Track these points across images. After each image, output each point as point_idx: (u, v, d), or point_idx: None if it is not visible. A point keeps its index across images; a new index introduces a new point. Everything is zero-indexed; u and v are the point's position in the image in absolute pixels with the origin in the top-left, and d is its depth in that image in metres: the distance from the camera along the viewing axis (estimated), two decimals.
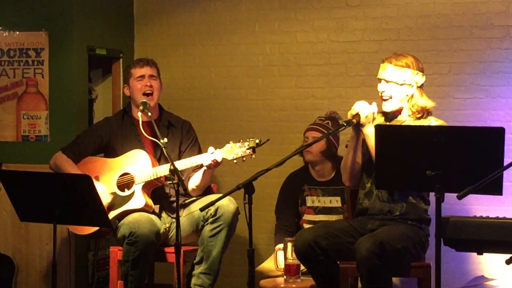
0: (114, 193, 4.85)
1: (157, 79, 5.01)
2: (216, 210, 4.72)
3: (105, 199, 4.76)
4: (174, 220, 4.91)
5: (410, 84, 4.43)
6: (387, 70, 4.45)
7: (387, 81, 4.45)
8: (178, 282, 4.47)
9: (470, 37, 5.49)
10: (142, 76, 4.96)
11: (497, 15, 5.43)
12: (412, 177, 3.86)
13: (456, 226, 3.79)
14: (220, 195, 4.19)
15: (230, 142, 4.68)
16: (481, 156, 3.70)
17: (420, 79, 4.47)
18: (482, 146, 3.70)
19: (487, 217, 3.87)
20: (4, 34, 5.64)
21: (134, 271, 4.68)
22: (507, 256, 3.66)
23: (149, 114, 4.76)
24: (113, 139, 5.00)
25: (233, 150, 4.64)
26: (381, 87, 4.48)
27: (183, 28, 6.12)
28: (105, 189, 4.81)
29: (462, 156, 3.72)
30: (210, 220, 4.75)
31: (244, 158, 4.65)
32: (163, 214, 4.95)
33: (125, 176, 4.86)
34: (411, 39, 5.60)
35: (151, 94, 4.94)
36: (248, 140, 4.63)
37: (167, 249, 4.88)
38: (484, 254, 3.88)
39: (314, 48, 5.83)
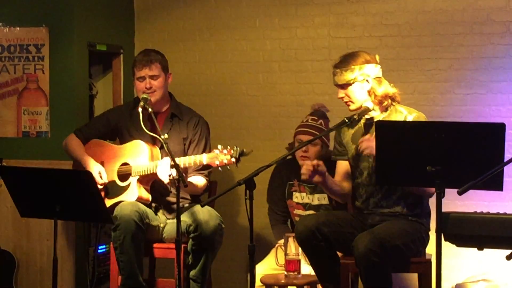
0: (113, 182, 4.87)
1: (159, 77, 4.96)
2: (196, 228, 4.71)
3: (104, 177, 4.84)
4: (167, 222, 4.91)
5: (362, 80, 4.44)
6: (336, 75, 4.49)
7: (341, 86, 4.49)
8: (179, 277, 4.47)
9: (471, 33, 5.49)
10: (143, 77, 4.95)
11: (498, 11, 5.43)
12: (413, 172, 3.86)
13: (456, 221, 3.79)
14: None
15: (218, 146, 4.57)
16: (481, 151, 3.70)
17: (372, 70, 4.46)
18: (483, 141, 3.70)
19: (488, 213, 3.87)
20: (5, 30, 5.64)
21: (123, 256, 4.69)
22: (508, 251, 3.66)
23: (150, 110, 4.75)
24: (120, 125, 5.04)
25: (218, 157, 4.55)
26: (339, 93, 4.52)
27: (184, 23, 6.12)
28: (103, 169, 4.87)
29: (463, 151, 3.72)
30: (191, 236, 4.75)
31: (228, 167, 4.57)
32: (159, 213, 4.95)
33: (125, 166, 4.89)
34: (411, 34, 5.60)
35: (152, 93, 4.93)
36: (234, 149, 4.50)
37: (167, 245, 4.88)
38: (485, 249, 3.88)
39: (315, 43, 5.83)
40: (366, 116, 4.51)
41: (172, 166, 4.39)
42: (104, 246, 5.68)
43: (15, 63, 5.64)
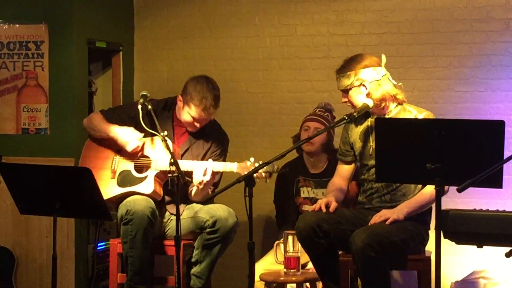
0: (129, 171, 4.83)
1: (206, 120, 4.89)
2: (215, 223, 4.73)
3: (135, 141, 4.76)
4: (171, 217, 4.91)
5: (359, 85, 4.44)
6: (337, 81, 4.52)
7: (342, 91, 4.52)
8: (178, 275, 4.48)
9: (470, 30, 5.49)
10: (194, 117, 4.85)
11: (497, 8, 5.43)
12: (412, 170, 3.86)
13: (456, 219, 3.79)
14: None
15: (251, 159, 4.59)
16: (481, 149, 3.69)
17: (369, 74, 4.44)
18: (482, 139, 3.70)
19: (487, 210, 3.87)
20: (4, 27, 5.64)
21: (133, 251, 4.68)
22: (507, 249, 3.66)
23: (149, 107, 4.74)
24: (144, 120, 4.88)
25: (249, 169, 4.49)
26: (343, 98, 4.56)
27: (183, 21, 6.12)
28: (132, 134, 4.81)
29: (462, 149, 3.72)
30: (208, 230, 4.76)
31: (258, 180, 4.42)
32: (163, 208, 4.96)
33: (144, 159, 4.84)
34: (411, 32, 5.60)
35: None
36: (269, 165, 4.38)
37: (167, 242, 4.88)
38: (484, 247, 3.88)
39: (314, 41, 5.83)
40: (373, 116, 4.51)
41: (174, 168, 4.40)
42: (103, 243, 5.69)
43: (14, 60, 5.64)
